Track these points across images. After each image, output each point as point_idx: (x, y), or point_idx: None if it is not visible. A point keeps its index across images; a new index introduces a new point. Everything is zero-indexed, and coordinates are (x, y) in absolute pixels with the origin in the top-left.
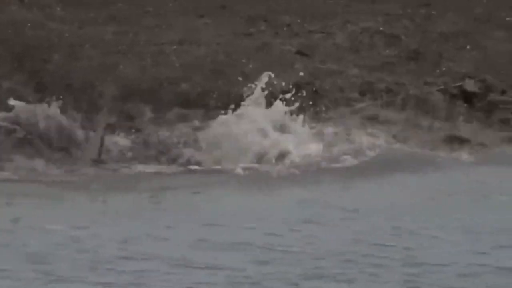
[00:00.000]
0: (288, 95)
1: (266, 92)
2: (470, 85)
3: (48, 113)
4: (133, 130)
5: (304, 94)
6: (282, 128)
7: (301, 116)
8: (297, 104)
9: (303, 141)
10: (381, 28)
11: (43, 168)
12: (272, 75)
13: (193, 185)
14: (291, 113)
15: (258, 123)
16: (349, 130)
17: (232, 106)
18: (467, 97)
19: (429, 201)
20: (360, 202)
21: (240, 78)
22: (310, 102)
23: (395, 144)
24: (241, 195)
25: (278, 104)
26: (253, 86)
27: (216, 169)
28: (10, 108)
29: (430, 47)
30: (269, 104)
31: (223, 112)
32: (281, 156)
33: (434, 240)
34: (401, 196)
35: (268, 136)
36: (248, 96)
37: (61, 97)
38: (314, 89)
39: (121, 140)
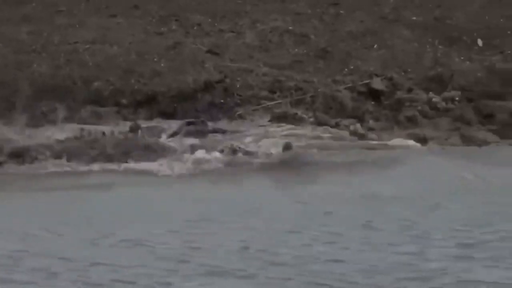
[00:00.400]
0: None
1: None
2: (378, 83)
3: None
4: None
5: (215, 93)
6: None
7: (210, 114)
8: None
9: (210, 139)
10: (290, 27)
11: None
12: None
13: (104, 183)
14: (202, 111)
15: (168, 123)
16: (258, 128)
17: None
18: (375, 95)
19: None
20: (260, 201)
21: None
22: (221, 101)
23: (303, 142)
24: (146, 193)
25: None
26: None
27: (128, 168)
28: None
29: (338, 46)
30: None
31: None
32: (189, 154)
33: (335, 237)
34: (303, 194)
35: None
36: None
37: None
38: (224, 87)
39: (36, 138)
